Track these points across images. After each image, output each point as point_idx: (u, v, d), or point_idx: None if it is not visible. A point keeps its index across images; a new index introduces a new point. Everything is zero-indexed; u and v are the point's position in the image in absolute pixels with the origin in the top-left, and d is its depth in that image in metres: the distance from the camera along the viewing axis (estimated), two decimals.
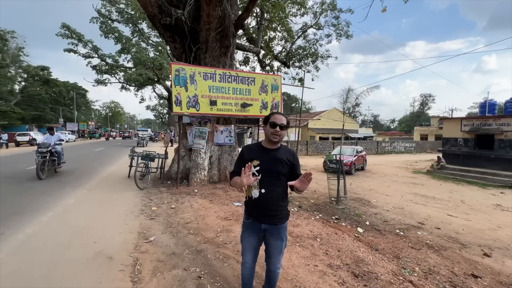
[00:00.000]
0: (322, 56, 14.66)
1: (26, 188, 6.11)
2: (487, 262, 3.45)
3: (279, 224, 1.78)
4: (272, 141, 1.73)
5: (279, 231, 1.79)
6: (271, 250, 1.83)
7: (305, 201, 6.03)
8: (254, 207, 1.79)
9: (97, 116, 66.39)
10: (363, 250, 3.36)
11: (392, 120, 77.97)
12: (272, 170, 1.72)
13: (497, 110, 13.28)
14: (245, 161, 1.76)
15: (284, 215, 1.81)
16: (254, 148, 1.84)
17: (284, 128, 1.71)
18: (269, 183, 1.73)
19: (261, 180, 1.72)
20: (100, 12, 19.74)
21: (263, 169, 1.72)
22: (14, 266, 2.66)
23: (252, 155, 1.77)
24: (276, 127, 1.68)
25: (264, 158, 1.73)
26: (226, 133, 7.27)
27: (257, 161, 1.73)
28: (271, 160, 1.72)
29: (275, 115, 1.74)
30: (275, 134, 1.69)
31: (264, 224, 1.77)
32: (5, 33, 31.74)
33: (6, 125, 27.13)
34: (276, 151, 1.76)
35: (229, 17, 6.59)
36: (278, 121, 1.69)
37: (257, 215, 1.78)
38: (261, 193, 1.73)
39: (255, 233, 1.82)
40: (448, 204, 6.79)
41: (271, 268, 1.87)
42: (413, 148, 28.93)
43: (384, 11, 6.14)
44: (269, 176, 1.72)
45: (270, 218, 1.76)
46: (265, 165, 1.73)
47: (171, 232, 3.64)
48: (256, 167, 1.73)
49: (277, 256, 1.83)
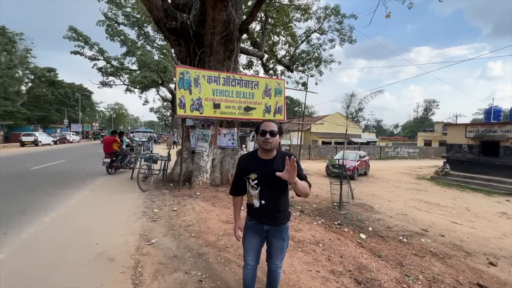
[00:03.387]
0: (326, 61, 14.71)
1: (30, 188, 6.16)
2: (492, 271, 3.38)
3: (281, 225, 1.81)
4: (265, 149, 1.71)
5: (281, 231, 1.82)
6: (273, 249, 1.84)
7: (307, 206, 5.99)
8: (256, 213, 1.81)
9: (101, 117, 67.01)
10: (366, 256, 3.32)
11: (395, 125, 77.61)
12: (270, 183, 1.70)
13: (502, 116, 13.18)
14: (243, 173, 1.79)
15: (285, 217, 1.83)
16: (250, 159, 1.82)
17: (275, 134, 1.68)
18: (269, 194, 1.73)
19: (261, 191, 1.73)
20: (107, 15, 20.07)
21: (261, 181, 1.72)
22: (16, 266, 2.67)
23: (249, 167, 1.77)
24: (266, 134, 1.66)
25: (261, 171, 1.72)
26: (229, 136, 7.28)
27: (255, 174, 1.73)
28: (268, 172, 1.68)
29: (265, 122, 1.72)
30: (266, 141, 1.67)
31: (267, 226, 1.80)
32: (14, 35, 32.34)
33: (12, 125, 27.46)
34: (273, 161, 1.72)
35: (233, 22, 6.65)
36: (267, 128, 1.66)
37: (259, 218, 1.81)
38: (262, 204, 1.75)
39: (257, 234, 1.84)
40: (452, 211, 6.70)
41: (272, 267, 1.88)
42: (417, 154, 28.70)
43: (388, 17, 6.17)
44: (268, 188, 1.72)
45: (272, 221, 1.79)
46: (263, 177, 1.71)
47: (172, 235, 3.63)
48: (254, 180, 1.73)
49: (278, 255, 1.85)
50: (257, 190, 1.74)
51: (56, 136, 26.58)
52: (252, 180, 1.74)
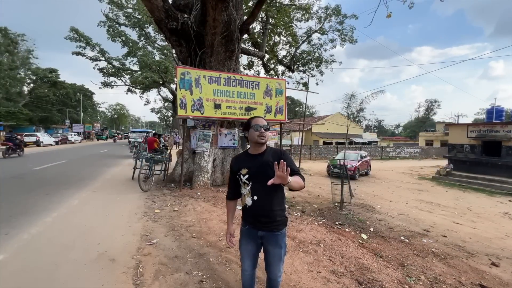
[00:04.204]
0: (327, 61, 14.70)
1: (32, 188, 6.18)
2: (495, 272, 3.36)
3: (276, 231, 1.74)
4: (259, 143, 1.73)
5: (277, 238, 1.75)
6: (270, 258, 1.78)
7: (308, 206, 5.98)
8: (249, 214, 1.77)
9: (102, 118, 67.22)
10: (367, 257, 3.31)
11: (396, 125, 77.39)
12: (261, 175, 1.69)
13: (504, 116, 13.11)
14: (235, 171, 1.80)
15: (280, 222, 1.76)
16: (241, 157, 1.85)
17: (268, 129, 1.76)
18: (260, 189, 1.71)
19: (252, 187, 1.72)
20: (108, 16, 20.14)
21: (252, 175, 1.72)
22: (18, 266, 2.68)
23: (240, 164, 1.78)
24: (261, 129, 1.71)
25: (251, 165, 1.74)
26: (230, 137, 7.28)
27: (245, 169, 1.74)
28: (258, 165, 1.71)
29: (256, 118, 1.78)
30: (261, 135, 1.71)
31: (261, 231, 1.75)
32: (16, 36, 32.55)
33: (14, 125, 27.60)
34: (262, 155, 1.75)
35: (234, 22, 6.66)
36: (260, 123, 1.72)
37: (253, 221, 1.76)
38: (254, 200, 1.72)
39: (252, 240, 1.80)
40: (454, 211, 6.67)
41: (271, 276, 1.82)
42: (418, 154, 28.61)
43: (389, 17, 6.15)
44: (259, 182, 1.70)
45: (266, 225, 1.73)
46: (253, 171, 1.72)
47: (173, 235, 3.63)
48: (245, 175, 1.74)
49: (276, 264, 1.79)
50: (249, 186, 1.73)
51: (58, 137, 26.69)
52: (243, 175, 1.74)
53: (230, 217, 1.95)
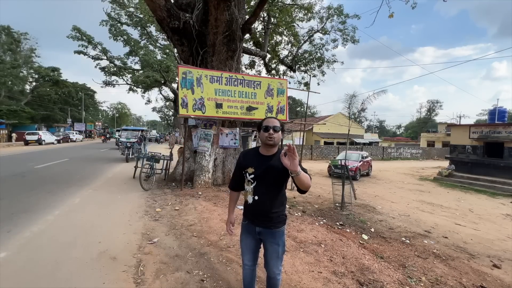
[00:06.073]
0: (328, 61, 14.68)
1: (33, 186, 6.21)
2: (496, 273, 3.35)
3: (273, 228, 1.76)
4: (268, 144, 1.72)
5: (274, 235, 1.77)
6: (268, 254, 1.81)
7: (309, 206, 5.97)
8: (249, 211, 1.82)
9: (104, 116, 67.41)
10: (368, 257, 3.30)
11: (398, 125, 77.24)
12: (265, 178, 1.71)
13: (507, 117, 13.05)
14: (241, 167, 1.80)
15: (279, 221, 1.78)
16: (250, 154, 1.84)
17: (278, 130, 1.70)
18: (263, 190, 1.73)
19: (255, 187, 1.73)
20: (110, 15, 20.17)
21: (257, 176, 1.72)
22: (20, 264, 2.69)
23: (248, 162, 1.78)
24: (270, 130, 1.68)
25: (259, 165, 1.73)
26: (231, 136, 7.29)
27: (252, 168, 1.74)
28: (266, 167, 1.70)
29: (267, 119, 1.76)
30: (270, 137, 1.69)
31: (259, 227, 1.78)
32: (19, 35, 32.70)
33: (16, 124, 27.73)
34: (272, 157, 1.73)
35: (236, 21, 6.65)
36: (270, 124, 1.70)
37: (252, 218, 1.80)
38: (254, 199, 1.74)
39: (251, 235, 1.83)
40: (455, 212, 6.64)
41: (270, 274, 1.84)
42: (420, 155, 28.51)
43: (391, 17, 6.12)
44: (263, 184, 1.72)
45: (264, 223, 1.76)
46: (259, 172, 1.72)
47: (174, 234, 3.64)
48: (251, 174, 1.74)
49: (274, 262, 1.80)
50: (252, 185, 1.74)
51: (60, 135, 26.82)
52: (249, 174, 1.74)
53: (232, 206, 1.99)
